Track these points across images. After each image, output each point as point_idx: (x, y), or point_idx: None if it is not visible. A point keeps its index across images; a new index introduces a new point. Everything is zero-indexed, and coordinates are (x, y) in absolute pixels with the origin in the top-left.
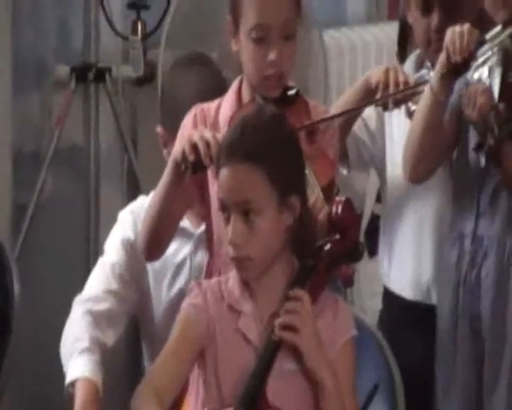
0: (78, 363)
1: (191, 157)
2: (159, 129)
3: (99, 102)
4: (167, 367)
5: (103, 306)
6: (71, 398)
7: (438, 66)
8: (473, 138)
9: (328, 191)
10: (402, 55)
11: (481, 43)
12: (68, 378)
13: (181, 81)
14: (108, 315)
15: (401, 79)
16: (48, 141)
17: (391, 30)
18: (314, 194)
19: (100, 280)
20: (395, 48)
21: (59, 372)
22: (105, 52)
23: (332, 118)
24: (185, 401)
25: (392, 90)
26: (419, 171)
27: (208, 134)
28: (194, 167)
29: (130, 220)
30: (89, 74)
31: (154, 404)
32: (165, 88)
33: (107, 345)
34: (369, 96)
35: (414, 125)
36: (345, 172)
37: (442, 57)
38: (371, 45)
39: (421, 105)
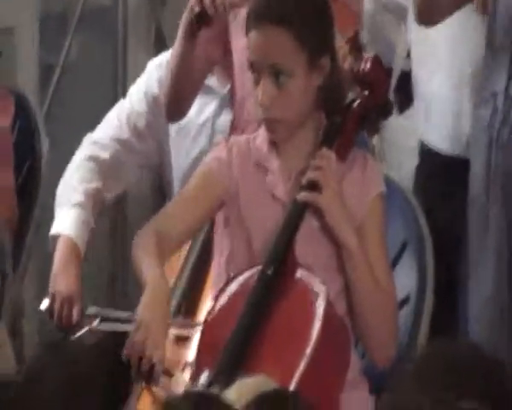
0: (66, 216)
1: (196, 8)
2: None
3: None
4: (176, 213)
5: (108, 154)
6: (53, 249)
7: None
8: None
9: (352, 43)
10: None
11: None
12: (53, 230)
13: None
14: (112, 164)
15: None
16: (75, 1)
17: None
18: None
19: (111, 125)
20: None
21: None
22: None
23: None
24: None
25: None
26: (429, 13)
27: None
28: (198, 19)
29: (156, 74)
30: None
31: (154, 250)
32: None
33: (105, 199)
34: None
35: None
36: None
37: None
38: None
39: None
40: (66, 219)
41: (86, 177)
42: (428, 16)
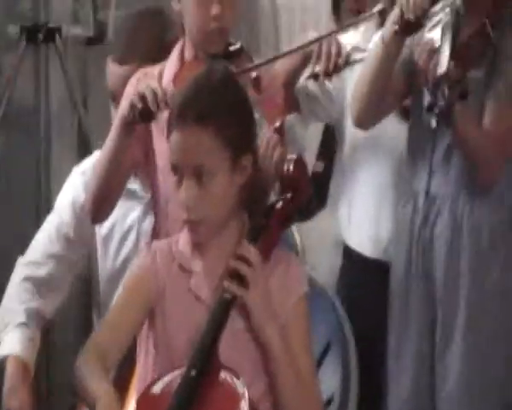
0: (11, 338)
1: (139, 105)
2: (110, 66)
3: (49, 62)
4: (114, 326)
5: (43, 271)
6: (2, 370)
7: (391, 21)
8: (426, 99)
9: (280, 135)
10: (336, 14)
11: (434, 1)
12: (1, 352)
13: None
14: (49, 280)
15: (334, 50)
16: None
17: None
18: (267, 136)
19: (43, 242)
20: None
21: None
22: (55, 12)
23: (273, 60)
24: (136, 364)
25: (323, 60)
26: (365, 116)
27: (154, 83)
28: (141, 115)
29: (81, 181)
30: (39, 34)
31: (97, 365)
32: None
33: (46, 315)
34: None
35: (363, 73)
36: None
37: (395, 13)
38: (321, 5)
39: (372, 55)
40: (13, 339)
41: (25, 298)
42: (366, 118)
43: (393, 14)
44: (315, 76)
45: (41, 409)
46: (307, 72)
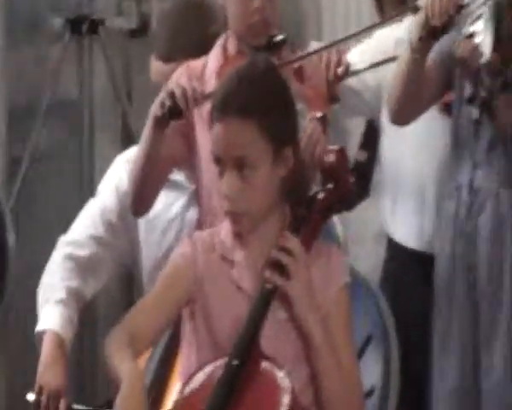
0: (50, 313)
1: (169, 103)
2: (154, 63)
3: (93, 54)
4: (147, 312)
5: (85, 252)
6: (39, 345)
7: (416, 26)
8: (467, 91)
9: (323, 126)
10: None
11: (461, 7)
12: (39, 326)
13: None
14: (90, 261)
15: (334, 59)
16: (42, 94)
17: None
18: (310, 126)
19: (86, 224)
20: None
21: None
22: (99, 4)
23: (315, 52)
24: (179, 352)
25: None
26: (401, 115)
27: (184, 81)
28: (171, 113)
29: (125, 169)
30: (83, 26)
31: (126, 348)
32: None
33: (86, 297)
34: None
35: (395, 76)
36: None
37: (420, 19)
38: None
39: (401, 59)
40: (51, 315)
41: (67, 276)
42: (402, 117)
43: (419, 19)
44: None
45: (85, 386)
46: None
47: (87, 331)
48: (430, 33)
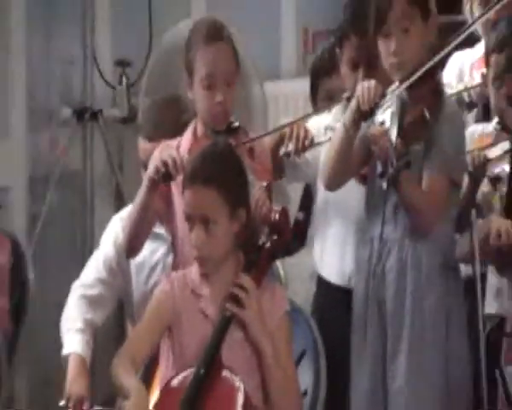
0: (73, 339)
1: (162, 170)
2: (141, 143)
3: (94, 137)
4: (141, 338)
5: (95, 291)
6: (65, 365)
7: (350, 110)
8: (379, 167)
9: (268, 192)
10: (314, 102)
11: (383, 95)
12: (65, 350)
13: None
14: (99, 299)
15: (302, 134)
16: (55, 167)
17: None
18: (258, 193)
19: (93, 270)
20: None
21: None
22: (98, 98)
23: (263, 136)
24: (159, 365)
25: (294, 143)
26: (332, 181)
27: (175, 153)
28: (164, 177)
29: (120, 225)
30: (86, 115)
31: (130, 368)
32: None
33: (97, 324)
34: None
35: (330, 150)
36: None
37: (353, 104)
38: (300, 96)
39: (336, 136)
40: (74, 341)
41: (82, 310)
42: (335, 183)
43: (352, 105)
44: (287, 154)
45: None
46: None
47: None
48: (361, 116)
